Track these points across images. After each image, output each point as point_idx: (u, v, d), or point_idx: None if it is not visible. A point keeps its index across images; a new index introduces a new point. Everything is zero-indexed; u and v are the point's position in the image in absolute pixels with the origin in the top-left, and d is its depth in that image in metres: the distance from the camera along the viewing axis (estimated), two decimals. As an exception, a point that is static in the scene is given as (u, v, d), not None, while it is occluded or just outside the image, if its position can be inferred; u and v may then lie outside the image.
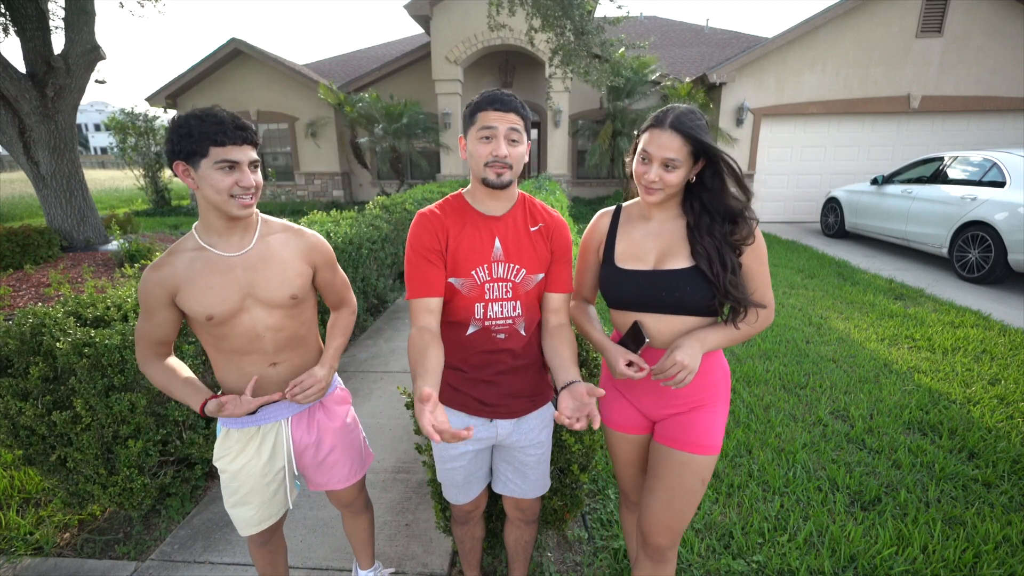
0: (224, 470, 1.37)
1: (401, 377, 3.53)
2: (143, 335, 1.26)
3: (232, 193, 1.17)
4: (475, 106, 1.23)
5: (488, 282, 1.27)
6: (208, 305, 1.21)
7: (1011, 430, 2.70)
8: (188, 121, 1.13)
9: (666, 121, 1.19)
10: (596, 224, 1.42)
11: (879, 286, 5.37)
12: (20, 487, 2.40)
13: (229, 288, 1.23)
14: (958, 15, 8.97)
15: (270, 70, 12.32)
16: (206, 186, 1.16)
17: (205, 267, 1.23)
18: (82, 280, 5.81)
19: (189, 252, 1.24)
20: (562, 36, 7.68)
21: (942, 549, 1.94)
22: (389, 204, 5.51)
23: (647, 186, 1.24)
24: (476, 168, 1.24)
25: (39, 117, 6.68)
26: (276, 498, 1.44)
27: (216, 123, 1.13)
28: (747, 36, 14.59)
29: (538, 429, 1.43)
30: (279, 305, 1.29)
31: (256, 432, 1.37)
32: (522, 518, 1.57)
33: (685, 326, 1.28)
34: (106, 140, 33.48)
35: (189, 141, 1.13)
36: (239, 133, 1.16)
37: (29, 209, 12.83)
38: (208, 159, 1.14)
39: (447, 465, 1.43)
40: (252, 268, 1.26)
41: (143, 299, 1.22)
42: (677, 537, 1.34)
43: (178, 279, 1.21)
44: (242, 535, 1.44)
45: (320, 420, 1.46)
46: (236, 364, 1.30)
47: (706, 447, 1.29)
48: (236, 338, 1.27)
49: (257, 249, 1.28)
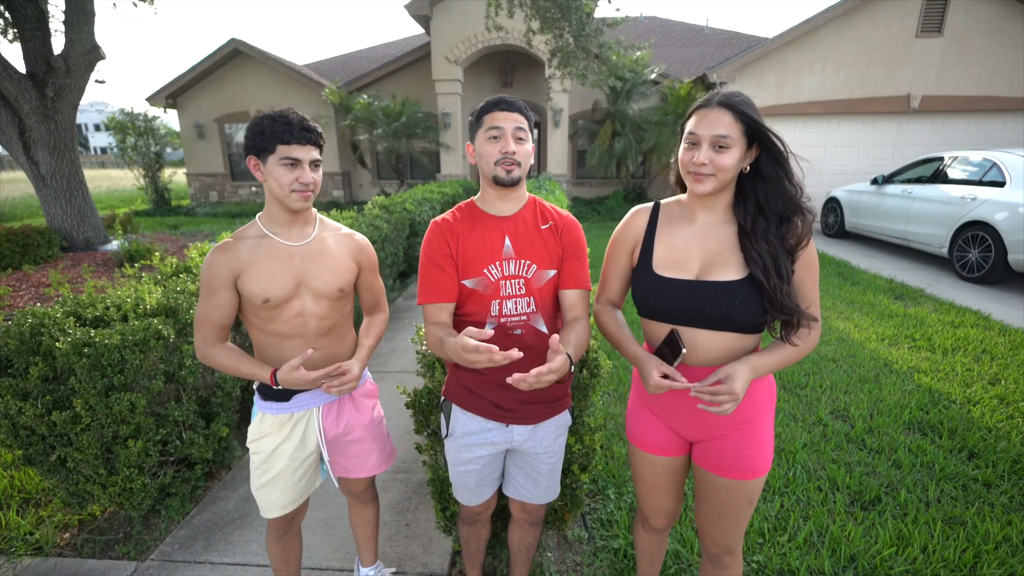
0: (257, 451, 1.45)
1: (401, 377, 3.53)
2: (205, 318, 1.33)
3: (293, 188, 1.29)
4: (480, 111, 1.27)
5: (502, 279, 1.29)
6: (267, 288, 1.31)
7: (1011, 430, 2.70)
8: (262, 121, 1.27)
9: (714, 99, 1.10)
10: (631, 222, 1.29)
11: (879, 286, 5.37)
12: (20, 487, 2.40)
13: (287, 275, 1.34)
14: (958, 15, 8.98)
15: (270, 70, 12.33)
16: (271, 180, 1.29)
17: (267, 253, 1.33)
18: (82, 280, 5.81)
19: (252, 239, 1.34)
20: (561, 38, 7.68)
21: (942, 549, 1.94)
22: (388, 204, 5.51)
23: (696, 172, 1.11)
24: (486, 168, 1.27)
25: (39, 117, 6.68)
26: (301, 483, 1.51)
27: (285, 124, 1.25)
28: (747, 36, 14.59)
29: (553, 437, 1.43)
30: (327, 296, 1.40)
31: (289, 418, 1.45)
32: (527, 520, 1.57)
33: (725, 343, 1.17)
34: (106, 140, 33.50)
35: (261, 138, 1.26)
36: (304, 134, 1.27)
37: (29, 209, 12.82)
38: (275, 155, 1.26)
39: (460, 468, 1.42)
40: (308, 259, 1.37)
41: (208, 279, 1.31)
42: (733, 547, 1.31)
43: (243, 262, 1.31)
44: (266, 516, 1.50)
45: (349, 411, 1.53)
46: (278, 346, 1.39)
47: (755, 471, 1.20)
48: (284, 322, 1.36)
49: (315, 242, 1.40)
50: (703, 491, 1.29)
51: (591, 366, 1.73)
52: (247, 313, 1.38)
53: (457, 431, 1.39)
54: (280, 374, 1.29)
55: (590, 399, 1.79)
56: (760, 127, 1.09)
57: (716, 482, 1.23)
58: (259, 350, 1.42)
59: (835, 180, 9.87)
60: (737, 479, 1.21)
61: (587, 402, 1.78)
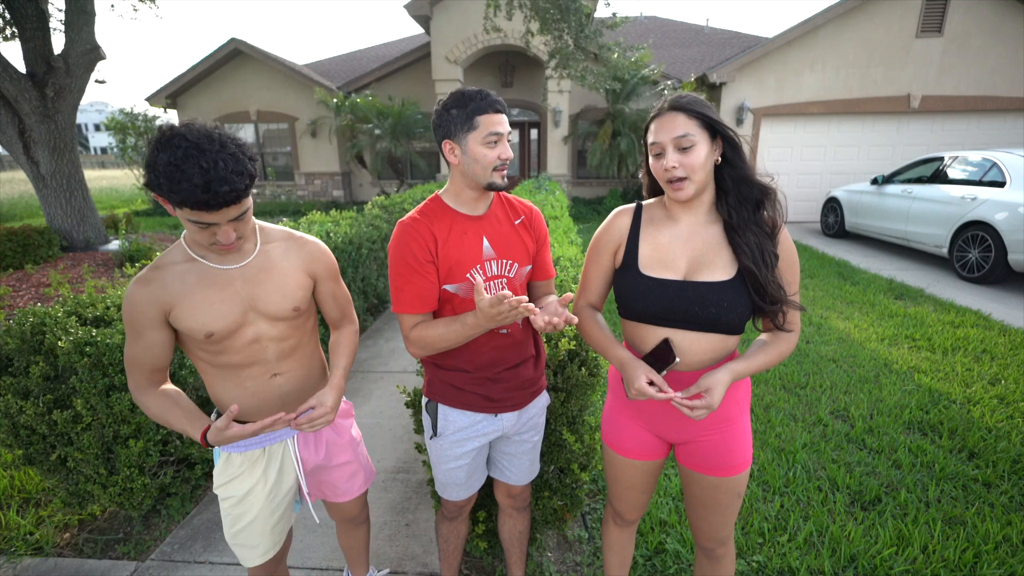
0: (227, 496, 1.29)
1: (401, 377, 3.53)
2: (135, 363, 1.14)
3: (213, 242, 1.08)
4: (473, 109, 1.18)
5: (485, 280, 1.28)
6: (208, 322, 1.12)
7: (1011, 430, 2.70)
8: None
9: (663, 107, 1.14)
10: (613, 223, 1.27)
11: (879, 286, 5.37)
12: (20, 487, 2.40)
13: (230, 303, 1.14)
14: (958, 15, 8.97)
15: (270, 70, 12.32)
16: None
17: (200, 281, 1.13)
18: (82, 280, 5.81)
19: (179, 264, 1.14)
20: (560, 39, 7.67)
21: (942, 549, 1.94)
22: (388, 204, 5.51)
23: (671, 179, 1.12)
24: (481, 173, 1.22)
25: (39, 117, 6.68)
26: (280, 524, 1.37)
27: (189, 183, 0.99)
28: (747, 36, 14.58)
29: (538, 415, 1.47)
30: (282, 317, 1.22)
31: (262, 454, 1.29)
32: (513, 505, 1.59)
33: (711, 345, 1.17)
34: (106, 140, 33.48)
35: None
36: (217, 198, 1.01)
37: (29, 209, 12.83)
38: (184, 211, 1.03)
39: (450, 465, 1.42)
40: (252, 280, 1.18)
41: (130, 319, 1.11)
42: (725, 539, 1.33)
43: (172, 294, 1.11)
44: (247, 566, 1.36)
45: (328, 435, 1.41)
46: (235, 378, 1.22)
47: (739, 466, 1.23)
48: (236, 352, 1.19)
49: (257, 260, 1.19)
50: (691, 490, 1.30)
51: (591, 365, 1.73)
52: (189, 347, 1.19)
53: (447, 429, 1.39)
54: (209, 436, 1.11)
55: (590, 398, 1.79)
56: (711, 118, 1.12)
57: (703, 480, 1.26)
58: (211, 385, 1.23)
59: (835, 180, 9.86)
60: (722, 476, 1.23)
61: (587, 401, 1.78)
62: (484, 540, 1.83)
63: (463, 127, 1.19)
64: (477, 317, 1.12)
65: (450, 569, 1.68)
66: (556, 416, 1.68)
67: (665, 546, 1.97)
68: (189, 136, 0.97)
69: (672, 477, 2.39)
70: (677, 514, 2.13)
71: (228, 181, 0.98)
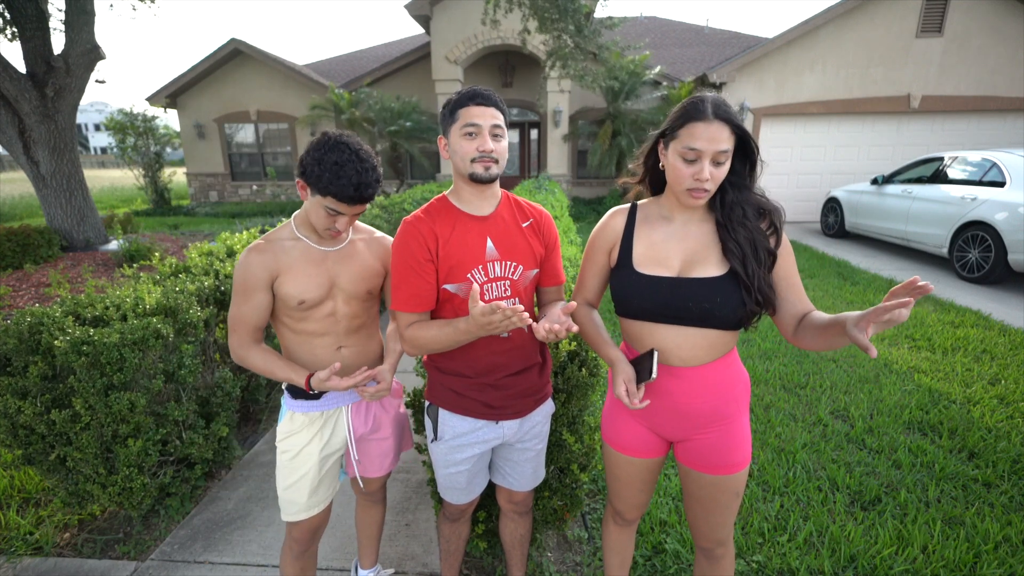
0: (286, 450, 1.45)
1: (401, 377, 3.53)
2: (241, 321, 1.35)
3: (328, 228, 1.33)
4: (455, 103, 1.22)
5: (486, 282, 1.26)
6: (302, 291, 1.34)
7: (1011, 430, 2.70)
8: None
9: (708, 111, 1.07)
10: (609, 223, 1.29)
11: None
12: (20, 487, 2.40)
13: (320, 277, 1.37)
14: (958, 15, 8.97)
15: (270, 70, 12.33)
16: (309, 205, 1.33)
17: (301, 256, 1.36)
18: (82, 280, 5.81)
19: (287, 240, 1.37)
20: (559, 39, 7.66)
21: (942, 549, 1.94)
22: (388, 204, 5.50)
23: (695, 188, 1.10)
24: (462, 165, 1.23)
25: (39, 117, 6.68)
26: (325, 484, 1.51)
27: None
28: (747, 36, 14.58)
29: (541, 424, 1.45)
30: (357, 297, 1.43)
31: (319, 416, 1.46)
32: (515, 510, 1.58)
33: (707, 341, 1.17)
34: (106, 140, 33.49)
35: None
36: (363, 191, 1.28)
37: (29, 209, 12.82)
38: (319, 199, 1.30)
39: (451, 470, 1.41)
40: (340, 263, 1.41)
41: (245, 280, 1.31)
42: (724, 540, 1.33)
43: (280, 264, 1.33)
44: (291, 519, 1.47)
45: (376, 409, 1.56)
46: (308, 344, 1.42)
47: (737, 464, 1.23)
48: (316, 321, 1.39)
49: (347, 248, 1.43)
50: (690, 489, 1.30)
51: (591, 366, 1.73)
52: (279, 313, 1.40)
53: (447, 434, 1.38)
54: (314, 382, 1.32)
55: (590, 398, 1.79)
56: (750, 139, 1.12)
57: (702, 479, 1.25)
58: (287, 348, 1.44)
59: (835, 180, 9.87)
60: (722, 474, 1.23)
61: (587, 401, 1.77)
62: (484, 540, 1.82)
63: (448, 121, 1.24)
64: (468, 324, 1.11)
65: (451, 569, 1.67)
66: (556, 417, 1.67)
67: (665, 546, 1.97)
68: (351, 145, 1.26)
69: (672, 477, 2.39)
70: (677, 514, 2.13)
71: (371, 186, 1.28)
